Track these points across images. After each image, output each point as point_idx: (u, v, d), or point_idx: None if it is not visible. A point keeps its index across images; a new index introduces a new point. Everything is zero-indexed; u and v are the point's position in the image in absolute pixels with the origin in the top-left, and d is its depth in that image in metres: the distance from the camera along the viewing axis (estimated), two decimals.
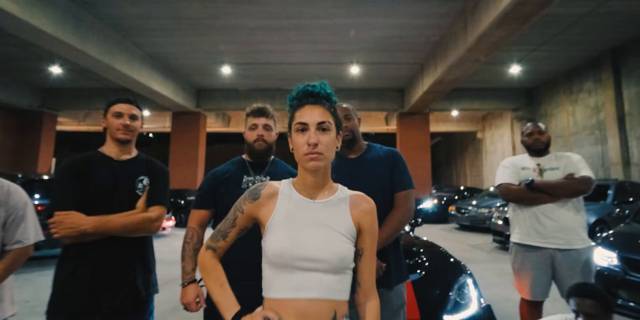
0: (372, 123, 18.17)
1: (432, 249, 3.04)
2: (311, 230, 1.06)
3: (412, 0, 8.07)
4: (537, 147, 2.60)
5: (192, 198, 8.06)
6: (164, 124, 16.89)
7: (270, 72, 12.62)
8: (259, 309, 1.04)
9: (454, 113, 16.45)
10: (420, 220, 4.04)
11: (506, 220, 7.02)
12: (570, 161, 2.50)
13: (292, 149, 1.11)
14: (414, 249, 2.93)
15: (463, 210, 10.51)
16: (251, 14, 8.56)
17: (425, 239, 3.45)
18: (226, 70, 11.96)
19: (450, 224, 11.70)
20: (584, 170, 2.43)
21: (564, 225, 2.40)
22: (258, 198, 1.12)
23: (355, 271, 1.12)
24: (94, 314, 1.55)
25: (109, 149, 1.75)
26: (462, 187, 14.96)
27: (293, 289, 1.02)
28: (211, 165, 2.62)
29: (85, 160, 1.68)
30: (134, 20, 8.81)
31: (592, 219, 6.86)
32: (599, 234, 6.29)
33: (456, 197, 12.86)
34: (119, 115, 1.73)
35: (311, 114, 1.09)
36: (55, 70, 11.16)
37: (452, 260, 2.79)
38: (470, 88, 14.13)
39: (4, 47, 10.31)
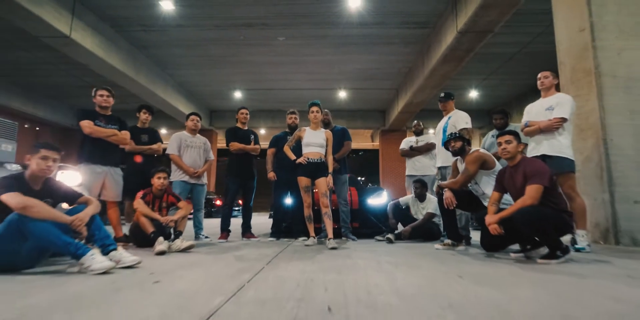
0: (360, 140, 21.60)
1: (374, 187, 6.26)
2: (314, 137, 4.26)
3: (384, 43, 11.55)
4: (417, 131, 5.88)
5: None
6: None
7: (273, 96, 16.06)
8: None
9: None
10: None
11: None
12: (429, 137, 5.77)
13: (309, 118, 4.36)
14: (365, 187, 6.17)
15: None
16: (262, 53, 12.02)
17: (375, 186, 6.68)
18: (237, 94, 15.40)
19: None
20: (433, 140, 5.69)
21: (425, 165, 5.61)
22: (300, 130, 4.35)
23: (326, 151, 4.35)
24: (239, 177, 4.77)
25: (239, 125, 5.00)
26: None
27: (309, 150, 4.20)
28: (221, 174, 5.86)
29: (234, 128, 4.93)
30: (173, 57, 12.26)
31: None
32: None
33: None
34: (241, 113, 5.01)
35: (314, 107, 4.33)
36: None
37: (379, 187, 6.02)
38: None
39: (62, 78, 13.67)
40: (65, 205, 2.77)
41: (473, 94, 15.56)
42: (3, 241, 2.26)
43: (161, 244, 3.31)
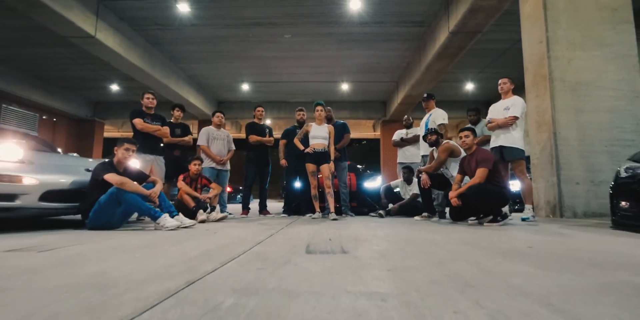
0: (362, 130, 22.59)
1: (370, 173, 7.30)
2: (318, 131, 5.29)
3: (383, 40, 12.43)
4: (407, 124, 6.89)
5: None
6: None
7: (279, 88, 17.02)
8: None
9: None
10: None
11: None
12: (417, 129, 6.76)
13: (315, 116, 5.38)
14: (363, 172, 7.21)
15: None
16: (270, 49, 12.94)
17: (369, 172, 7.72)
18: (244, 86, 16.38)
19: None
20: (420, 132, 6.68)
21: (413, 154, 6.61)
22: (308, 125, 5.38)
23: (329, 142, 5.38)
24: (257, 164, 5.82)
25: (256, 120, 6.03)
26: None
27: (314, 142, 5.23)
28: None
29: (252, 123, 5.95)
30: (185, 53, 13.20)
31: None
32: None
33: None
34: (258, 111, 6.03)
35: (318, 106, 5.35)
36: (114, 87, 15.57)
37: (375, 172, 7.06)
38: (439, 101, 18.49)
39: (80, 72, 14.66)
40: (135, 183, 3.81)
41: (469, 87, 16.47)
42: (106, 206, 3.31)
43: (202, 215, 4.37)
